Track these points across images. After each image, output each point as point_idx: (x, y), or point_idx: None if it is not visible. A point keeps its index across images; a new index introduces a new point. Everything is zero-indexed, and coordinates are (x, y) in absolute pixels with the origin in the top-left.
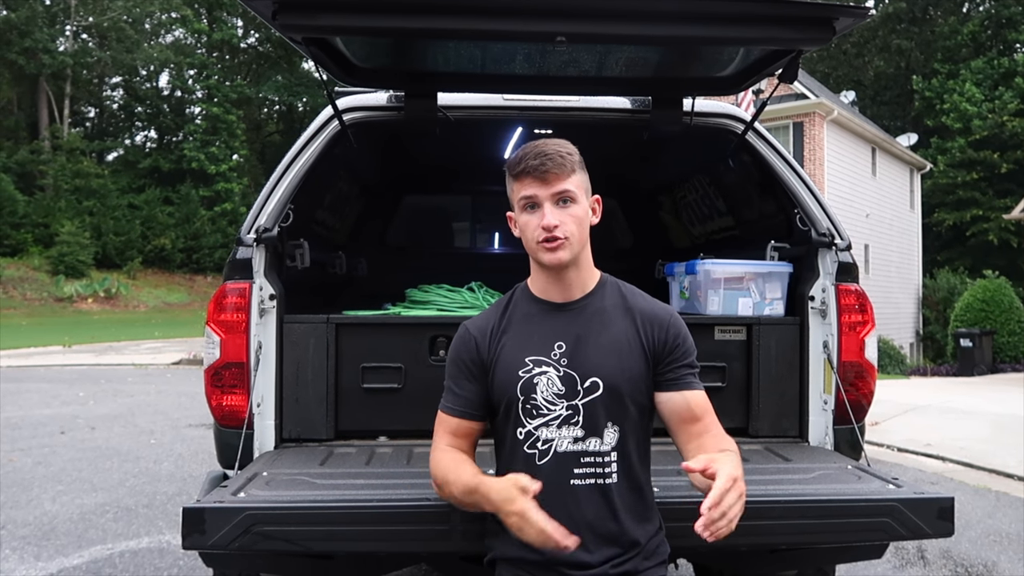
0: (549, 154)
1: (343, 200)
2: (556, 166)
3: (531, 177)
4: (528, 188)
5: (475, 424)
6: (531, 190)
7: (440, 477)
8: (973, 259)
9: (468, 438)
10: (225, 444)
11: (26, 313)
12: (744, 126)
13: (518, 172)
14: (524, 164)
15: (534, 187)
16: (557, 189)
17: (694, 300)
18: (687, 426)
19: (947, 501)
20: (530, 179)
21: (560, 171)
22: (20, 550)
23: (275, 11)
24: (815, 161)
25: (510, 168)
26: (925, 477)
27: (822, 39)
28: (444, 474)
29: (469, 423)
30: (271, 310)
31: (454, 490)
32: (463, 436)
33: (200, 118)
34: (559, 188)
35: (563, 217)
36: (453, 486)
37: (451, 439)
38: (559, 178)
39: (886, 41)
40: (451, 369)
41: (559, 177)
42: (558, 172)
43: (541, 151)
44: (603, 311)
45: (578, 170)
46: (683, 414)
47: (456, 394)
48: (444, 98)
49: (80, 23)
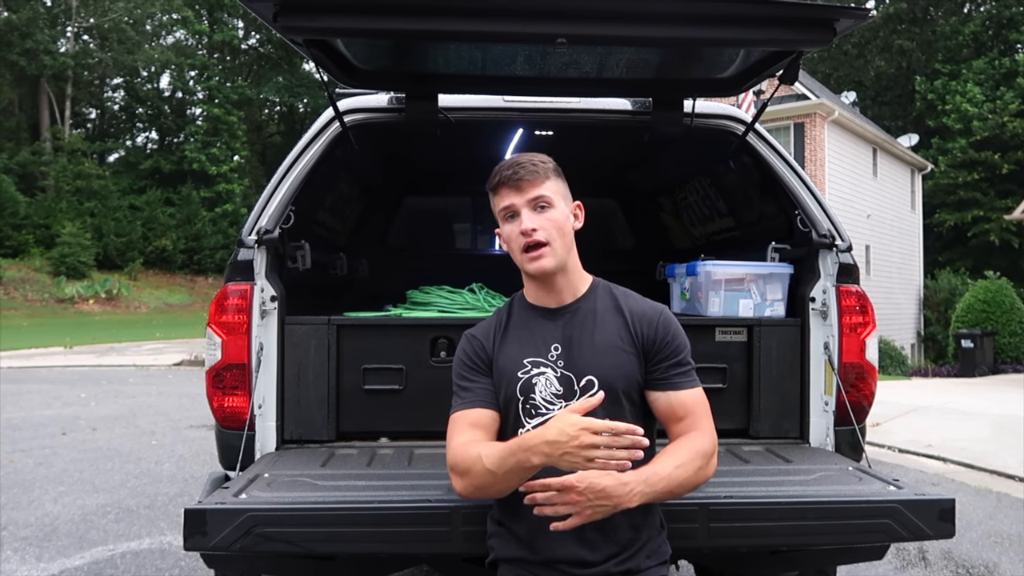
0: (522, 163)
1: (344, 201)
2: (529, 173)
3: (506, 187)
4: (505, 198)
5: (492, 413)
6: (508, 200)
7: (464, 462)
8: (974, 260)
9: (488, 429)
10: (226, 445)
11: (27, 314)
12: (745, 127)
13: (495, 185)
14: (499, 176)
15: (511, 196)
16: (532, 195)
17: (695, 301)
18: (671, 425)
19: (948, 502)
20: (506, 189)
21: (533, 178)
22: (21, 551)
23: (276, 13)
24: (816, 162)
25: (488, 184)
26: (926, 478)
27: (823, 40)
28: (469, 453)
29: (487, 412)
30: (272, 311)
31: (488, 463)
32: (483, 427)
33: (201, 119)
34: (534, 194)
35: (541, 221)
36: (486, 459)
37: (471, 432)
38: (533, 184)
39: (887, 41)
40: (459, 371)
41: (533, 184)
42: (531, 179)
43: (514, 161)
44: (595, 312)
45: (552, 177)
46: (666, 413)
47: (469, 389)
48: (445, 100)
49: (81, 24)
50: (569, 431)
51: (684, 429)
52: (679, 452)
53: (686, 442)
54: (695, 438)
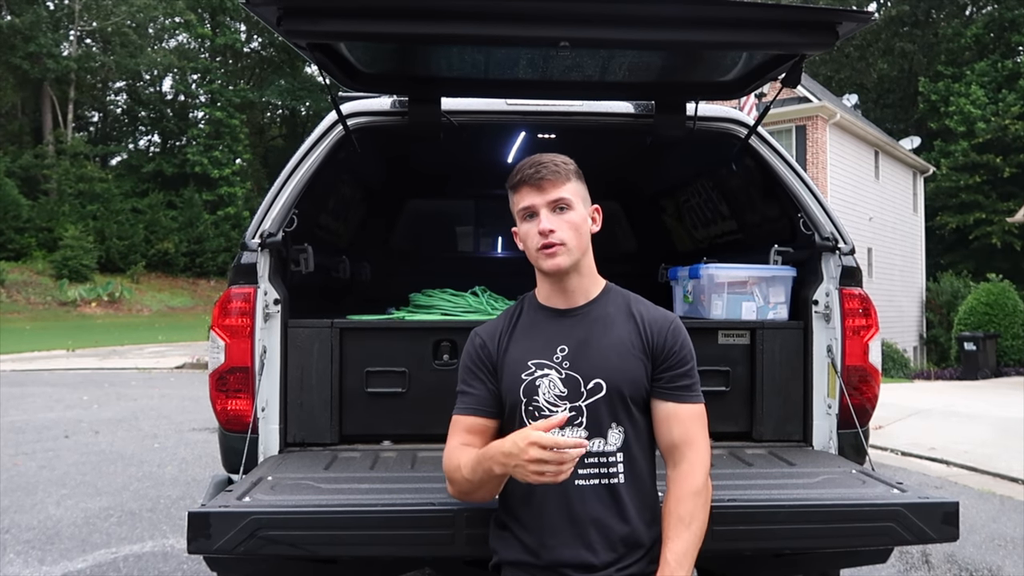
0: (544, 163)
1: (347, 204)
2: (551, 173)
3: (527, 186)
4: (526, 198)
5: (488, 422)
6: (528, 199)
7: (448, 469)
8: (976, 262)
9: (482, 436)
10: (230, 448)
11: (30, 317)
12: (747, 130)
13: (516, 183)
14: (521, 174)
15: (531, 196)
16: (553, 197)
17: (697, 304)
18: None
19: (952, 505)
20: (527, 188)
21: (555, 179)
22: (24, 554)
23: (280, 17)
24: (818, 164)
25: (509, 181)
26: (929, 481)
27: (825, 44)
28: (451, 461)
29: (482, 420)
30: (275, 315)
31: (464, 472)
32: (476, 434)
33: (203, 122)
34: (555, 196)
35: (559, 223)
36: (463, 468)
37: (464, 437)
38: (555, 185)
39: (889, 44)
40: (462, 373)
41: (555, 184)
42: (553, 179)
43: (537, 161)
44: (606, 316)
45: (574, 179)
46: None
47: (468, 394)
48: (448, 103)
49: (84, 28)
50: (520, 444)
51: (676, 444)
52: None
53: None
54: (687, 477)
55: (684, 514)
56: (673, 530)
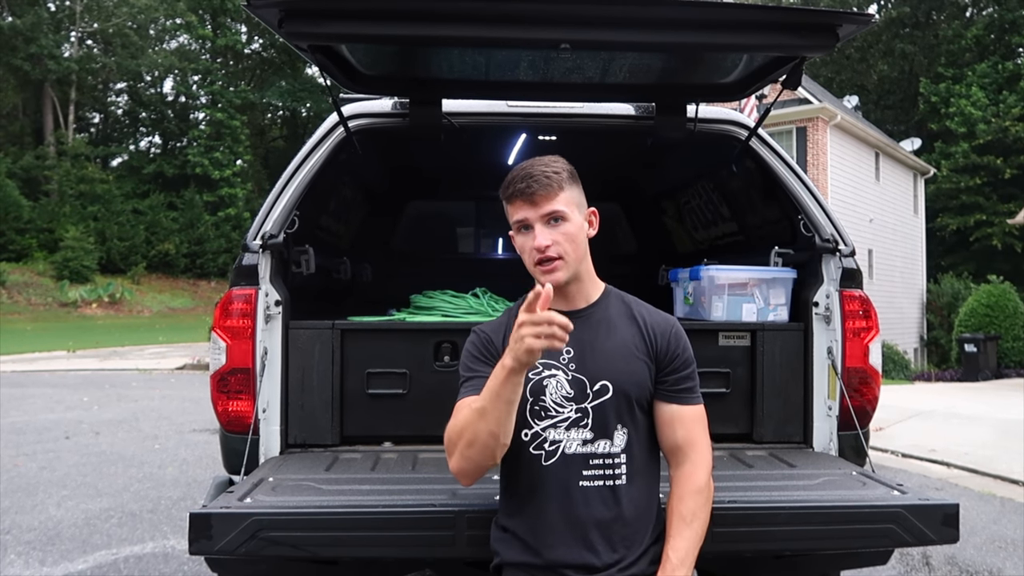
0: (535, 176)
1: (348, 206)
2: (542, 187)
3: (520, 200)
4: (519, 211)
5: None
6: (522, 213)
7: (453, 428)
8: (977, 264)
9: None
10: (231, 449)
11: (30, 318)
12: (748, 132)
13: (508, 196)
14: (512, 188)
15: (524, 210)
16: (546, 211)
17: (698, 306)
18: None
19: (952, 507)
20: (519, 202)
21: (547, 191)
22: (25, 555)
23: (281, 19)
24: (818, 166)
25: (502, 192)
26: (930, 483)
27: (826, 46)
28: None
29: None
30: (277, 316)
31: (467, 413)
32: None
33: (204, 123)
34: (548, 209)
35: (555, 236)
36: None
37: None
38: (547, 199)
39: (890, 46)
40: (467, 362)
41: (547, 198)
42: (545, 193)
43: (527, 173)
44: (608, 319)
45: (567, 186)
46: (667, 425)
47: (475, 377)
48: (449, 105)
49: (85, 29)
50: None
51: (680, 445)
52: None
53: (686, 487)
54: (690, 476)
55: (686, 512)
56: (675, 528)
